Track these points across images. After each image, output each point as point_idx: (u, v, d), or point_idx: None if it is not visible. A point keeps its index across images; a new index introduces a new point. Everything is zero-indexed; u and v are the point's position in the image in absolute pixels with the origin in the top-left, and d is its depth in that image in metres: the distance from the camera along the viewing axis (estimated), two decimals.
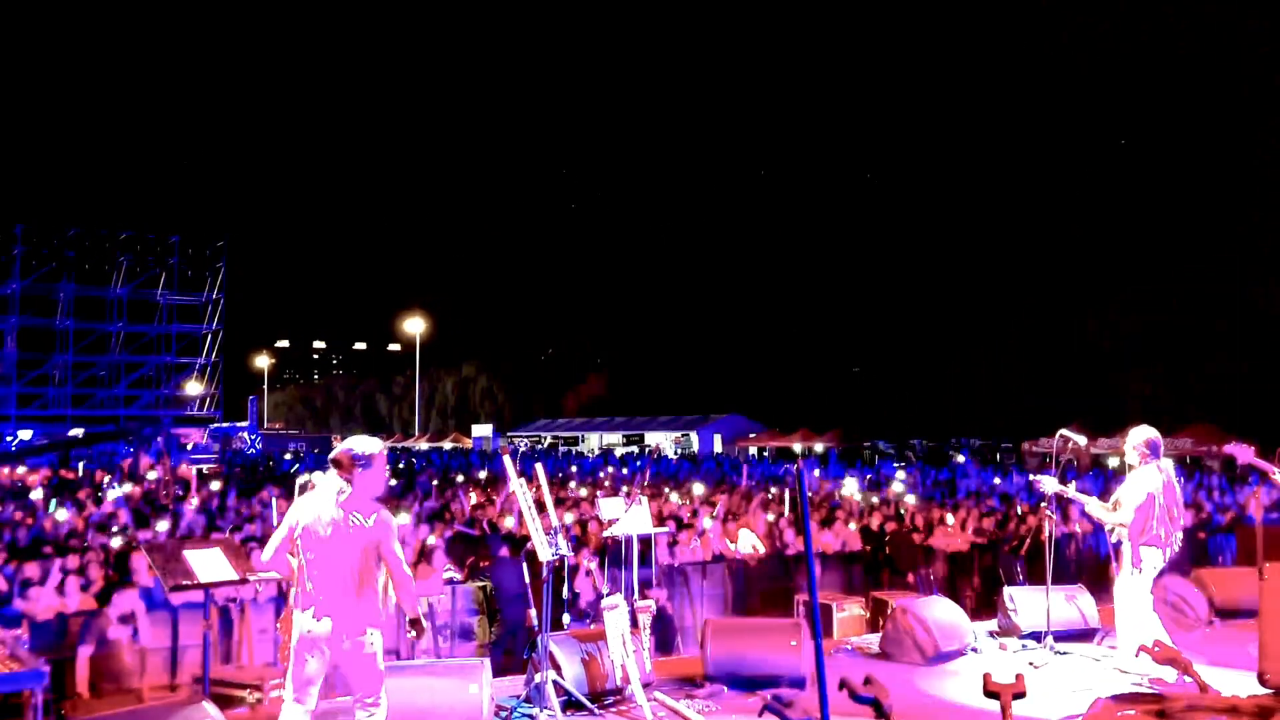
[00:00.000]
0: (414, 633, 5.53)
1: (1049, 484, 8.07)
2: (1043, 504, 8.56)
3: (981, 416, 52.25)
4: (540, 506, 6.74)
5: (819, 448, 49.20)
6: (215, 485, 20.67)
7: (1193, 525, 18.40)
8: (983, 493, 20.82)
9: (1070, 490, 8.13)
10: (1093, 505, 7.87)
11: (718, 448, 57.04)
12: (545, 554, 6.46)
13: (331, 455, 5.32)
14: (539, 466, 7.18)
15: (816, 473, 31.59)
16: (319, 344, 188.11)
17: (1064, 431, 8.35)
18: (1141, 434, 7.77)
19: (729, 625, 7.78)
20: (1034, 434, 37.68)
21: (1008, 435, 45.23)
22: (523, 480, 6.77)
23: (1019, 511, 15.56)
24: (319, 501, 5.20)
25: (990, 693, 3.14)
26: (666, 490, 19.25)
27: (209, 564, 6.59)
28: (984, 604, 12.21)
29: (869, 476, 26.59)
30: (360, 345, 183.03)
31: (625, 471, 29.41)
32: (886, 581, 14.23)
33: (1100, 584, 9.70)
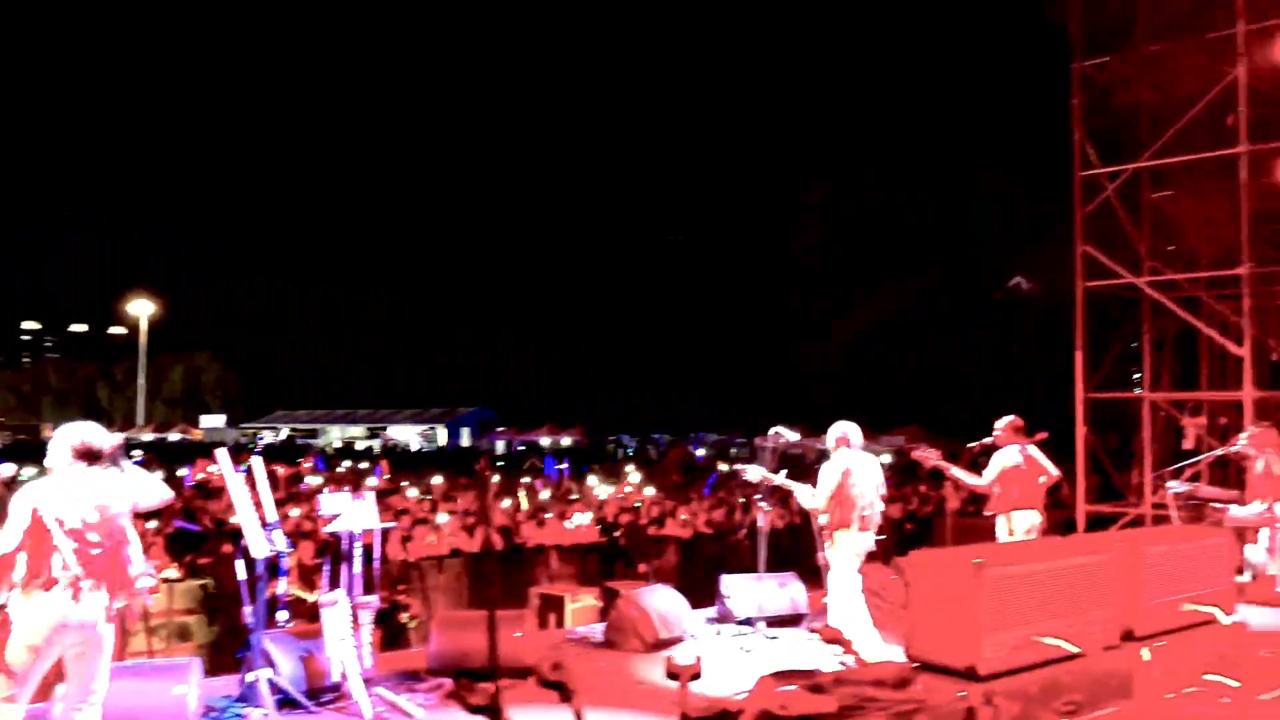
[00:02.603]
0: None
1: (754, 472, 8.60)
2: (757, 495, 9.09)
3: (719, 412, 54.57)
4: (257, 501, 6.57)
5: (565, 442, 49.88)
6: None
7: (900, 517, 19.96)
8: (715, 485, 21.73)
9: (779, 479, 8.66)
10: (800, 493, 8.48)
11: (466, 441, 56.77)
12: (260, 550, 6.29)
13: (79, 445, 5.30)
14: (257, 460, 6.98)
15: (561, 467, 32.01)
16: (30, 324, 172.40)
17: (777, 428, 8.89)
18: (838, 427, 8.37)
19: (454, 618, 7.81)
20: (766, 430, 39.72)
21: (743, 431, 47.52)
22: (240, 474, 6.57)
23: (743, 502, 16.39)
24: (67, 486, 5.21)
25: (671, 674, 3.37)
26: (404, 485, 18.99)
27: None
28: (711, 592, 12.79)
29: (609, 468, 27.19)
30: (79, 327, 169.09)
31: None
32: (620, 572, 14.67)
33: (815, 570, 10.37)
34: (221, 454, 6.69)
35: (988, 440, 9.43)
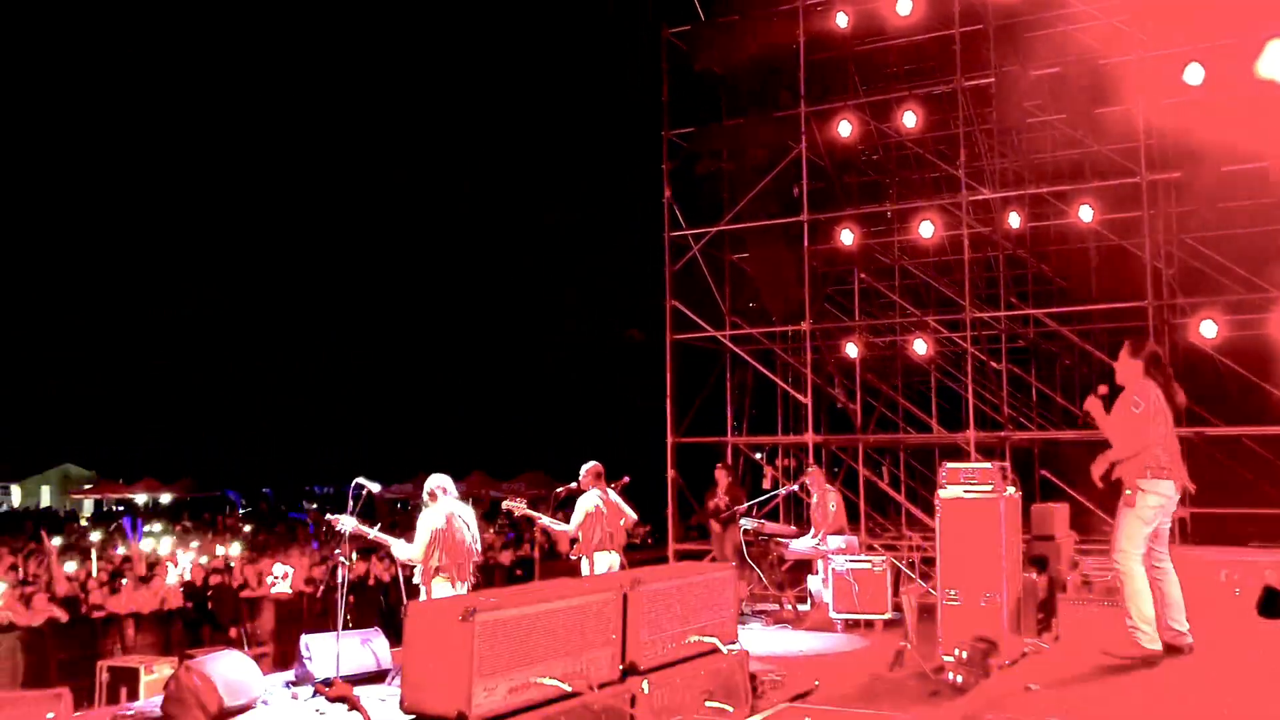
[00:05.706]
0: None
1: (346, 523, 8.28)
2: (336, 550, 8.75)
3: (337, 463, 52.80)
4: None
5: (166, 498, 46.13)
6: None
7: (510, 563, 20.16)
8: (324, 540, 20.84)
9: (373, 532, 8.44)
10: (395, 545, 8.29)
11: (46, 500, 50.94)
12: None
13: None
14: None
15: (157, 526, 29.55)
16: None
17: (359, 480, 8.62)
18: (434, 479, 8.30)
19: None
20: (388, 482, 38.99)
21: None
22: None
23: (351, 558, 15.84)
24: None
25: None
26: None
27: None
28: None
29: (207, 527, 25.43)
30: None
31: None
32: (208, 638, 13.68)
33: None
34: None
35: (573, 485, 9.73)
